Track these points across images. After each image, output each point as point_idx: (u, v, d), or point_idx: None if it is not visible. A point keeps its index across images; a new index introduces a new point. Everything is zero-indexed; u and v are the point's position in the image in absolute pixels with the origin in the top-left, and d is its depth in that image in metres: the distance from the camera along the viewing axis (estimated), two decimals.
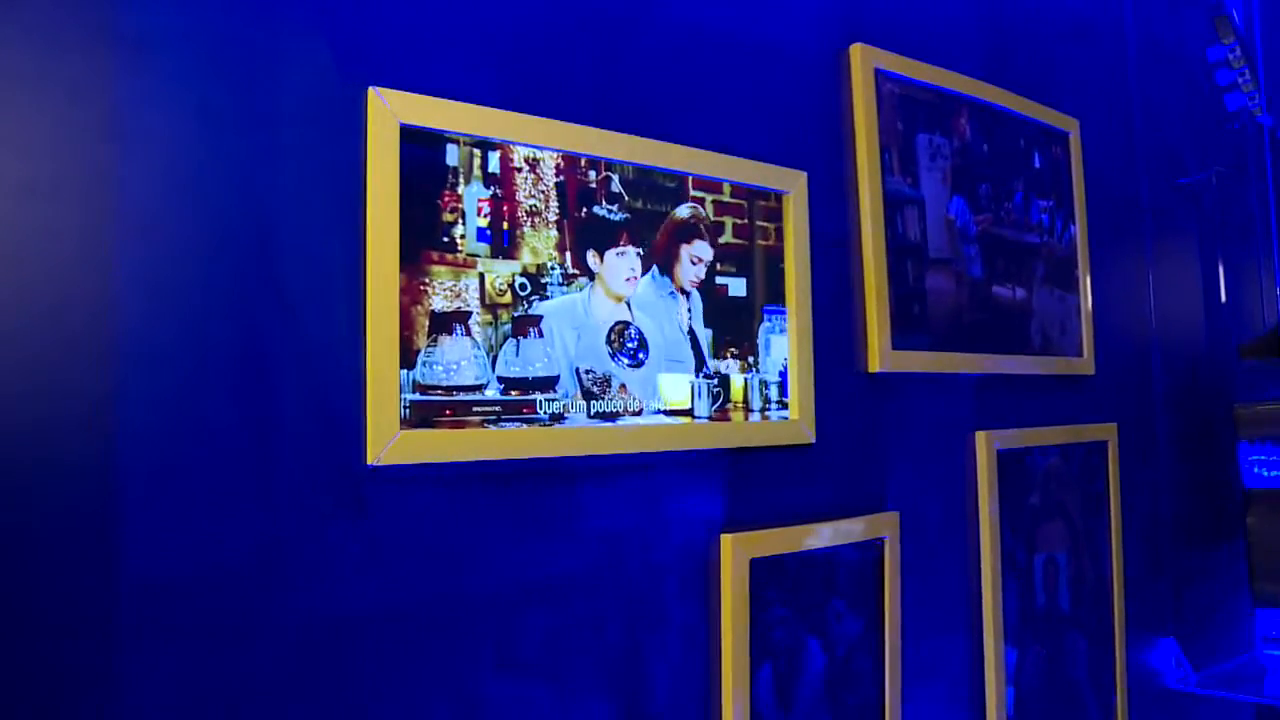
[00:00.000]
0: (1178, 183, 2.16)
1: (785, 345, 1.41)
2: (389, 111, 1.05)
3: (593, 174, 1.20)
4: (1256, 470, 2.08)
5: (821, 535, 1.42)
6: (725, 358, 1.33)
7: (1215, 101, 2.12)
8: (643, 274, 1.24)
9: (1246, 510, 2.09)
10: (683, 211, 1.31)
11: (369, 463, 1.01)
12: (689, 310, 1.30)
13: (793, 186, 1.43)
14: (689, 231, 1.31)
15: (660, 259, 1.27)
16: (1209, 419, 2.18)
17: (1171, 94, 2.23)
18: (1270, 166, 2.08)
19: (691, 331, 1.30)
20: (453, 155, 1.09)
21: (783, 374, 1.40)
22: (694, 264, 1.31)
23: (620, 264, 1.22)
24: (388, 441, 1.02)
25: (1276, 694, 2.05)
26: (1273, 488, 2.05)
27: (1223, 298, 2.23)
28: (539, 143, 1.15)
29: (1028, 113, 1.84)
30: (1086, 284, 1.91)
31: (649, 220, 1.26)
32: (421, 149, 1.07)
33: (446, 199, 1.08)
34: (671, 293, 1.28)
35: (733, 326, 1.34)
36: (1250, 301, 2.19)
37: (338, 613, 1.00)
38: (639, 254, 1.24)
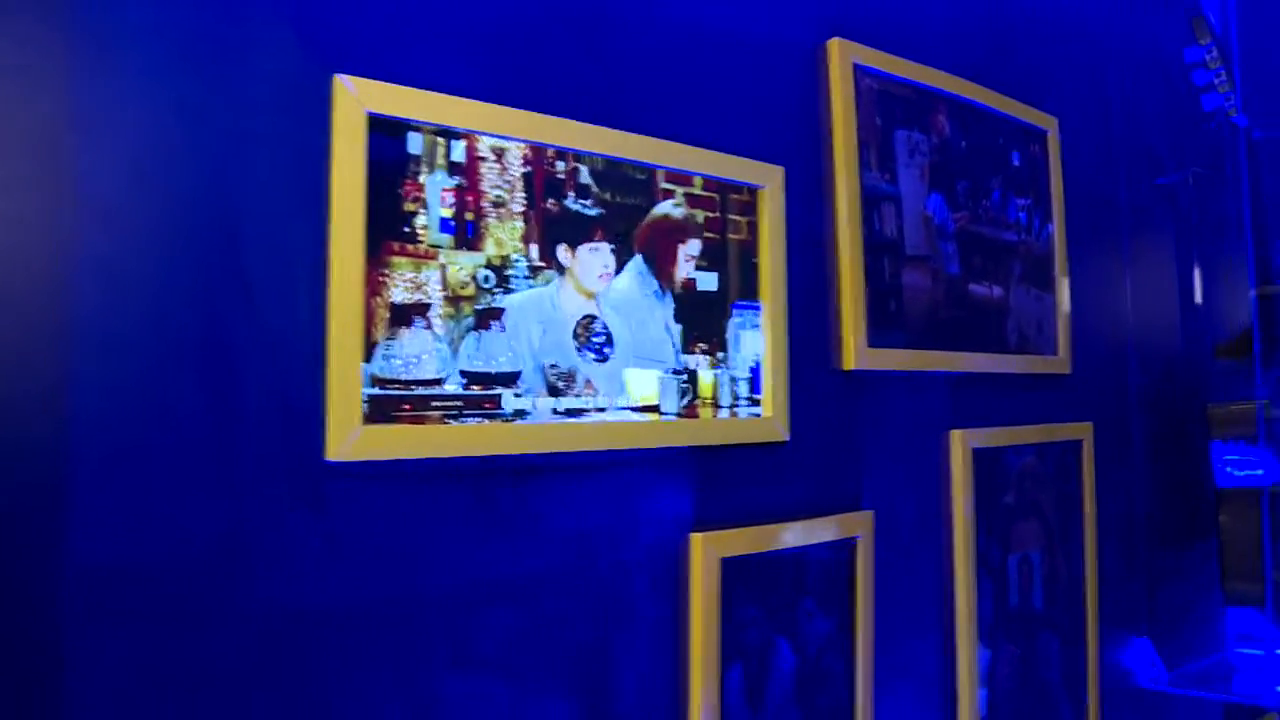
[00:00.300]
0: (1155, 183, 2.16)
1: (756, 341, 1.39)
2: (355, 99, 1.03)
3: (560, 165, 1.18)
4: (1229, 470, 2.08)
5: (794, 534, 1.41)
6: (694, 353, 1.31)
7: (1193, 102, 2.12)
8: (616, 271, 1.22)
9: (1219, 509, 2.09)
10: (677, 212, 1.29)
11: (328, 459, 0.99)
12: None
13: (769, 181, 1.42)
14: (684, 232, 1.30)
15: (647, 255, 1.25)
16: (1183, 418, 2.17)
17: (1150, 94, 2.22)
18: (1245, 167, 2.07)
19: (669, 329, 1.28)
20: (416, 144, 1.07)
21: (754, 370, 1.38)
22: (687, 262, 1.30)
23: (593, 259, 1.20)
24: (348, 437, 1.00)
25: (1246, 693, 2.05)
26: (1244, 487, 2.05)
27: (1198, 298, 2.23)
28: (506, 132, 1.13)
29: (1007, 110, 1.82)
30: (1064, 283, 1.90)
31: (624, 214, 1.24)
32: (386, 138, 1.05)
33: (409, 188, 1.06)
34: (656, 291, 1.27)
35: (702, 322, 1.32)
36: (1226, 302, 2.18)
37: (295, 606, 0.97)
38: (613, 250, 1.22)
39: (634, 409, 1.24)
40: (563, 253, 1.17)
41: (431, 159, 1.08)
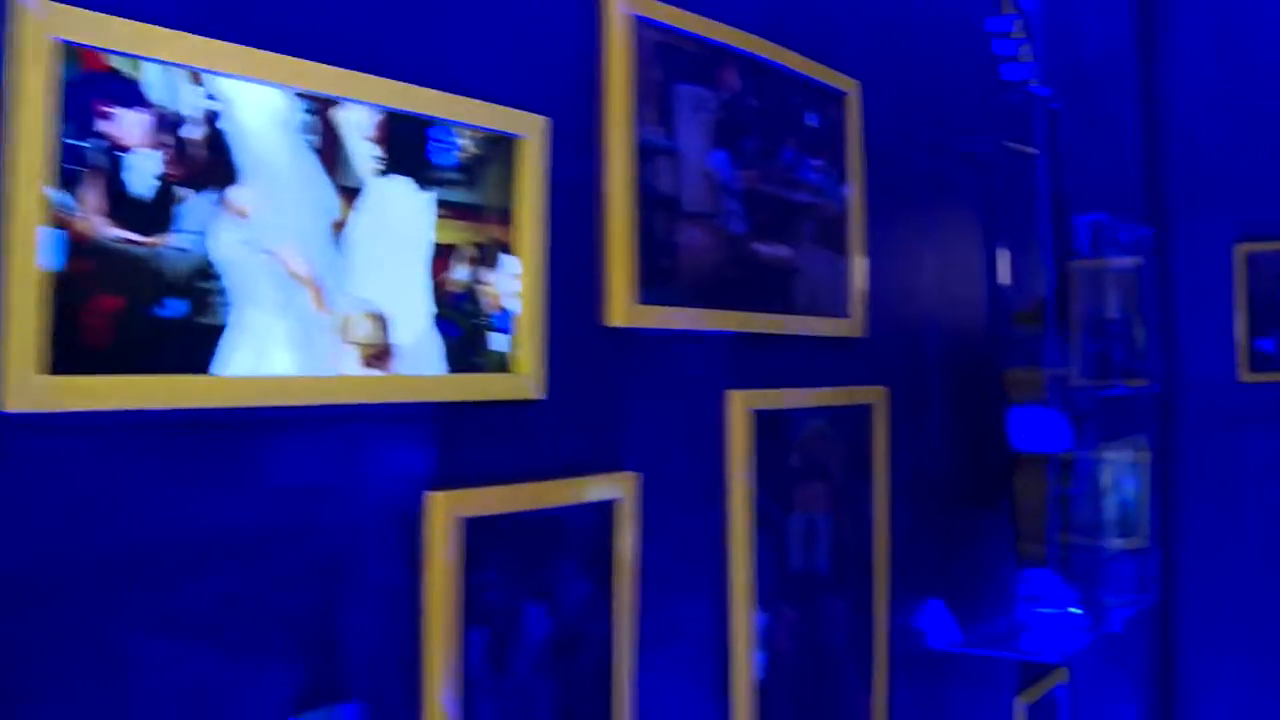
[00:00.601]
0: (959, 150, 2.17)
1: (511, 296, 1.34)
2: (39, 24, 0.94)
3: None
4: (1022, 435, 2.11)
5: (549, 495, 1.37)
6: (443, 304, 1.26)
7: (996, 71, 2.13)
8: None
9: (1013, 473, 2.12)
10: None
11: (6, 410, 0.91)
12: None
13: (529, 131, 1.37)
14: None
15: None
16: (982, 384, 2.20)
17: (955, 61, 2.23)
18: (1045, 137, 2.10)
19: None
20: (120, 79, 0.98)
21: (506, 324, 1.34)
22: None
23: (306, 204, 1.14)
24: (28, 387, 0.92)
25: (1033, 649, 2.10)
26: (1036, 452, 2.09)
27: (999, 267, 2.26)
28: (215, 68, 1.05)
29: (804, 70, 1.81)
30: (859, 246, 1.89)
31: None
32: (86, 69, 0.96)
33: (106, 126, 0.98)
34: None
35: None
36: (1027, 270, 2.21)
37: None
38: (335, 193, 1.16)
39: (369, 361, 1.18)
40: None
41: (137, 95, 1.00)
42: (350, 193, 1.18)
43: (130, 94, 0.99)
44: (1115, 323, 2.96)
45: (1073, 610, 2.14)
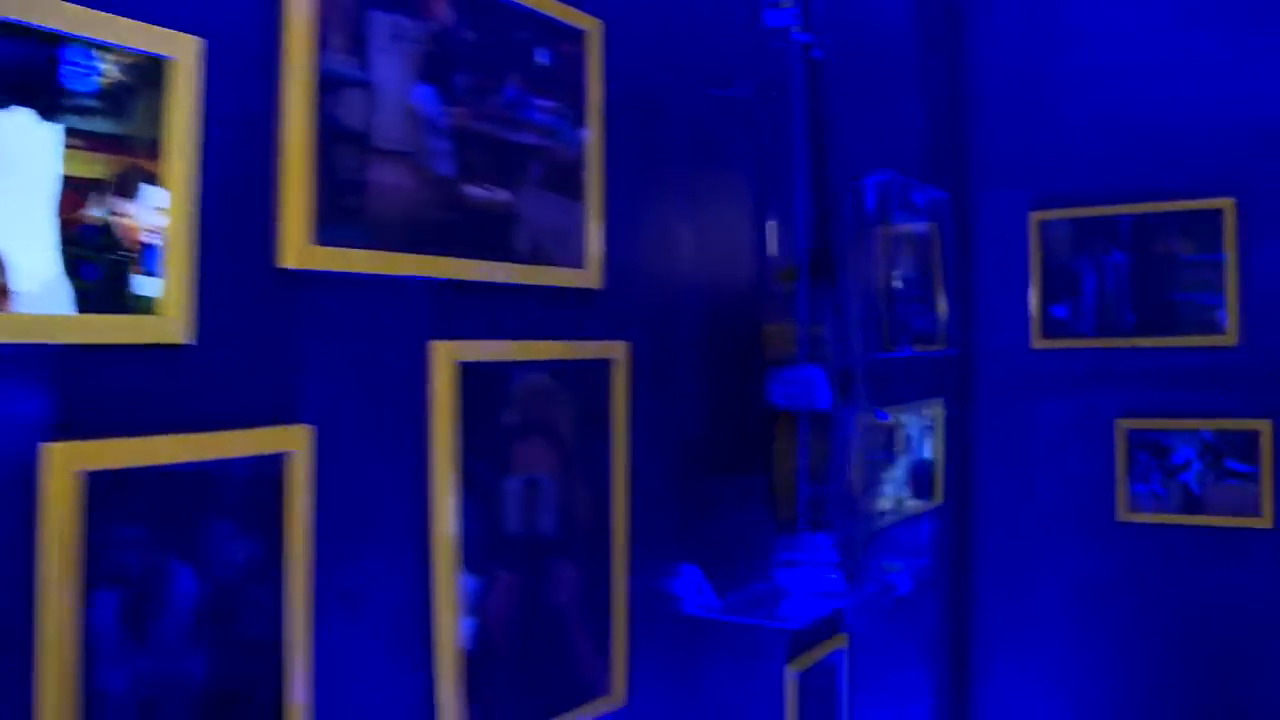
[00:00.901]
0: (714, 94, 2.09)
1: (154, 231, 1.21)
2: None
3: None
4: (778, 393, 2.06)
5: (198, 447, 1.25)
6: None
7: (758, 17, 2.06)
8: None
9: (772, 433, 2.07)
10: None
11: None
12: None
13: (180, 53, 1.23)
14: None
15: None
16: (744, 342, 2.14)
17: (714, 5, 2.15)
18: (803, 85, 2.04)
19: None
20: None
21: (154, 265, 1.21)
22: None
23: None
24: None
25: (788, 616, 2.05)
26: (794, 409, 2.03)
27: (764, 221, 2.20)
28: None
29: (533, 5, 1.70)
30: (597, 193, 1.80)
31: None
32: None
33: None
34: None
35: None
36: (790, 225, 2.15)
37: None
38: None
39: None
40: None
41: None
42: None
43: None
44: (906, 285, 2.95)
45: (833, 575, 2.10)
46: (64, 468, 1.12)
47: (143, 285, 1.22)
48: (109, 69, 1.19)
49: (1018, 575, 3.48)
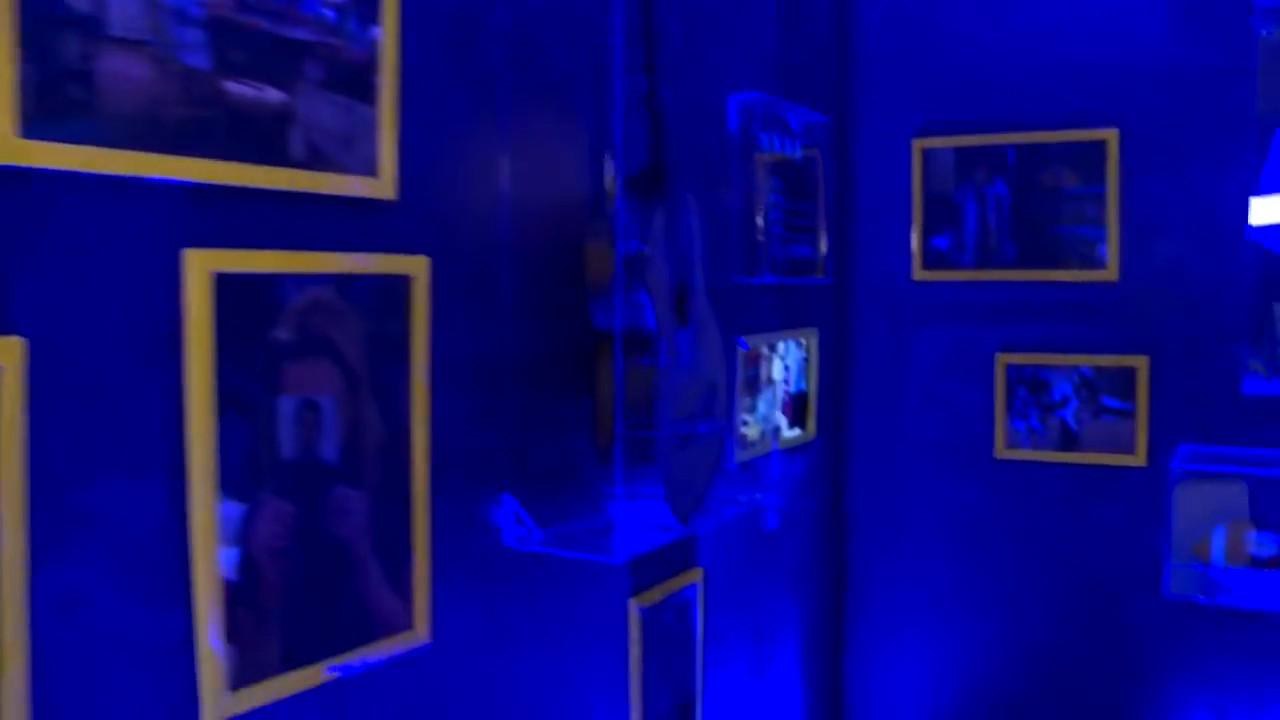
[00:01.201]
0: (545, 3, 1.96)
1: None
2: None
3: None
4: (601, 314, 1.96)
5: None
6: None
7: None
8: None
9: (595, 358, 1.97)
10: None
11: None
12: None
13: None
14: None
15: None
16: (569, 262, 2.03)
17: None
18: None
19: None
20: None
21: None
22: None
23: None
24: None
25: (616, 550, 1.98)
26: (612, 331, 1.94)
27: (607, 135, 2.08)
28: None
29: None
30: (391, 96, 1.67)
31: None
32: None
33: None
34: None
35: None
36: (629, 133, 2.02)
37: None
38: None
39: None
40: None
41: None
42: None
43: None
44: (778, 210, 2.86)
45: (663, 508, 2.03)
46: None
47: None
48: None
49: (893, 510, 3.44)
